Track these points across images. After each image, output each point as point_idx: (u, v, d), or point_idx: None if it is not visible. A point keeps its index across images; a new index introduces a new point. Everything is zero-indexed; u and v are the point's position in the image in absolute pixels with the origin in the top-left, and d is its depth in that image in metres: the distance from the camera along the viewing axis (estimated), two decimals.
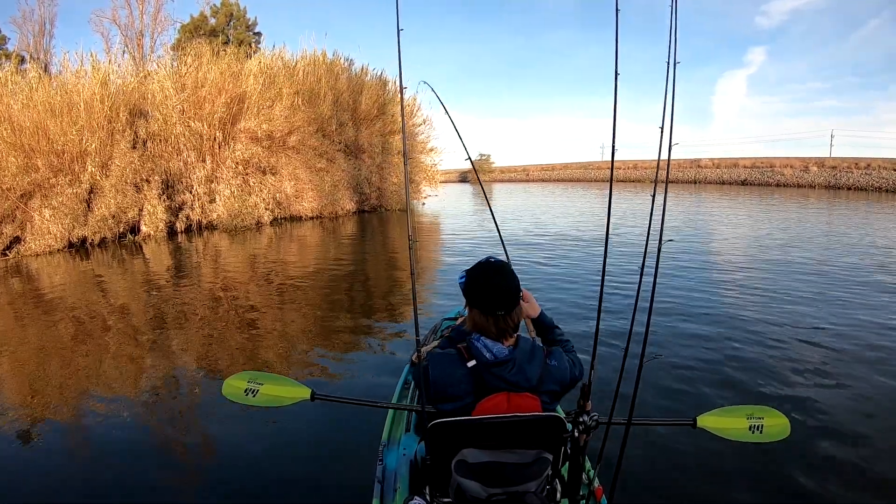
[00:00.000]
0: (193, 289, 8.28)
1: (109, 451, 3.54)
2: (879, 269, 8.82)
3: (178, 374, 4.96)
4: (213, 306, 7.22)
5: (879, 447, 3.43)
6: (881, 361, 4.78)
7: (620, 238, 11.95)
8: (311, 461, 3.39)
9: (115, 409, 4.15)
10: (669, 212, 2.32)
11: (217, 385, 4.31)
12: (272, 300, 7.61)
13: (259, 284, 8.68)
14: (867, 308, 6.42)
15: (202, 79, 15.61)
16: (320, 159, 19.55)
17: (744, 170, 49.51)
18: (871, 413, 3.87)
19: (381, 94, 22.92)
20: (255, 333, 6.07)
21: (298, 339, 5.91)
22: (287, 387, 2.35)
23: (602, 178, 60.40)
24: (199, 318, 6.66)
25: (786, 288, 7.49)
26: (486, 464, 1.78)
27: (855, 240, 12.45)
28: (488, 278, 1.84)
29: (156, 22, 17.84)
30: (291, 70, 19.27)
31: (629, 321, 2.12)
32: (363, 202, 21.90)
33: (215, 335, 6.06)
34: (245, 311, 6.97)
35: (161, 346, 5.65)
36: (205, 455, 3.59)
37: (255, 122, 16.71)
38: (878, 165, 42.17)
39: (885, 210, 21.25)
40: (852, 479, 3.09)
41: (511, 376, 1.77)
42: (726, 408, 2.34)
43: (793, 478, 3.09)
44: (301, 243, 14.14)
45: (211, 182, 15.43)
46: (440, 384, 1.79)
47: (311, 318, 6.71)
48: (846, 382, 4.36)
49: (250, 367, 4.87)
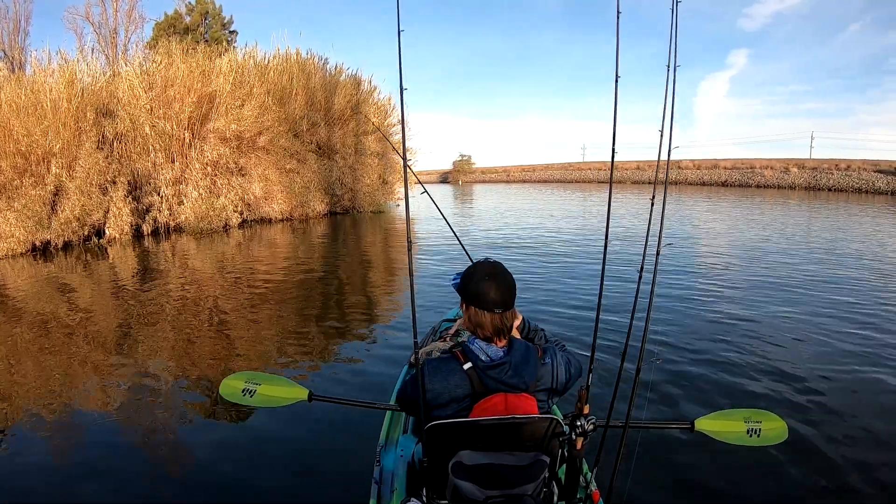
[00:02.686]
0: (163, 293, 8.49)
1: (88, 459, 3.59)
2: (876, 273, 9.35)
3: (168, 377, 5.09)
4: (195, 310, 7.43)
5: (879, 450, 3.59)
6: (880, 364, 5.04)
7: (599, 239, 12.53)
8: (309, 462, 3.52)
9: (91, 417, 4.23)
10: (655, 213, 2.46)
11: (209, 387, 4.72)
12: (259, 303, 7.84)
13: (239, 288, 8.94)
14: (865, 312, 6.76)
15: (171, 77, 15.93)
16: (291, 160, 19.97)
17: (724, 171, 50.96)
18: (871, 415, 4.05)
19: (355, 94, 23.42)
20: (249, 337, 6.33)
21: (294, 341, 6.14)
22: (285, 387, 2.48)
23: (583, 179, 61.70)
24: (180, 323, 6.82)
25: (780, 289, 8.03)
26: (483, 466, 1.84)
27: (849, 243, 13.30)
28: (487, 275, 1.92)
29: (129, 19, 18.06)
30: (263, 69, 19.65)
31: (624, 323, 2.23)
32: (335, 204, 22.32)
33: (204, 339, 6.25)
34: (233, 315, 7.17)
35: (146, 351, 5.79)
36: (199, 458, 3.64)
37: (224, 121, 17.08)
38: (857, 167, 43.88)
39: (871, 213, 22.11)
40: (851, 481, 3.23)
41: (508, 378, 1.84)
42: (724, 411, 2.48)
43: (791, 482, 3.21)
44: (271, 246, 14.44)
45: (179, 184, 15.67)
46: (436, 391, 1.85)
47: (305, 321, 6.98)
48: (845, 385, 4.58)
49: (245, 369, 5.15)
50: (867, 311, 6.79)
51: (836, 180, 43.68)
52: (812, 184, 44.60)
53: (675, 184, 52.31)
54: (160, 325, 6.76)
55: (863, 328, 6.08)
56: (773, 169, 48.11)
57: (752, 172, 49.28)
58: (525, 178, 68.33)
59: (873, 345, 5.54)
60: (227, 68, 17.51)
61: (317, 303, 8.04)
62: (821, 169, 45.90)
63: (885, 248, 12.28)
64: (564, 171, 66.78)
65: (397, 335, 6.09)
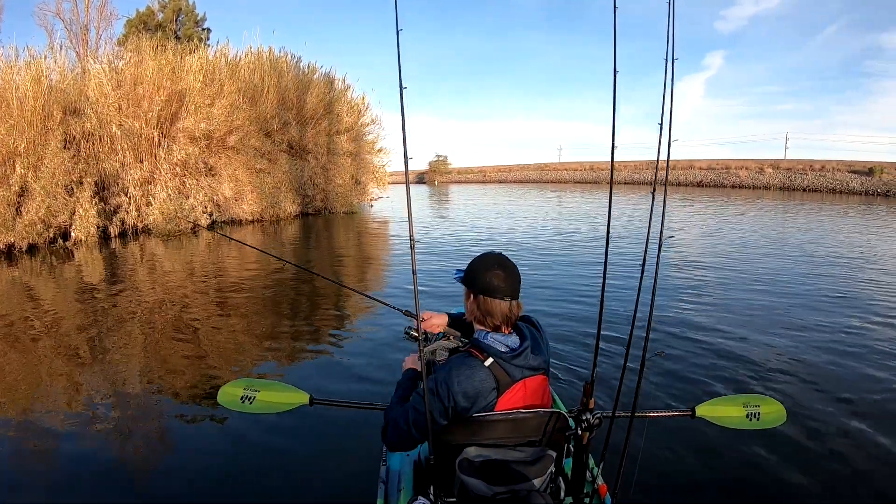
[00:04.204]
0: (131, 297, 8.56)
1: (58, 469, 3.63)
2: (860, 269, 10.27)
3: (141, 382, 5.12)
4: (165, 314, 7.50)
5: (876, 432, 3.83)
6: (875, 352, 5.50)
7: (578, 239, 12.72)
8: (314, 464, 3.60)
9: (61, 426, 4.19)
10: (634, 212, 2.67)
11: (191, 394, 4.84)
12: (246, 305, 8.01)
13: (210, 291, 9.03)
14: (857, 307, 7.35)
15: (141, 75, 16.10)
16: (261, 160, 20.20)
17: (700, 171, 52.25)
18: (867, 399, 4.38)
19: (328, 93, 23.69)
20: (245, 340, 6.48)
21: (290, 344, 6.30)
22: (285, 393, 2.50)
23: (559, 180, 62.71)
24: (150, 327, 6.87)
25: (777, 285, 8.67)
26: (490, 462, 1.88)
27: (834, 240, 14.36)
28: (496, 264, 2.00)
29: (101, 16, 18.02)
30: (234, 67, 19.88)
31: (617, 319, 2.42)
32: (307, 204, 22.58)
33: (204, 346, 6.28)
34: (206, 319, 7.29)
35: (117, 357, 5.81)
36: (200, 459, 3.71)
37: (193, 120, 17.28)
38: (832, 167, 45.45)
39: (855, 213, 23.07)
40: (849, 463, 3.44)
41: (532, 361, 1.93)
42: (723, 397, 2.62)
43: (791, 464, 3.40)
44: (242, 248, 14.49)
45: (147, 184, 15.76)
46: (470, 394, 1.86)
47: (299, 322, 7.20)
48: (842, 372, 4.96)
49: (225, 373, 5.31)
50: (858, 303, 7.48)
51: (810, 181, 45.26)
52: (787, 184, 46.11)
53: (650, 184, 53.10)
54: (129, 329, 6.79)
55: (854, 318, 6.70)
56: (749, 169, 49.56)
57: (727, 173, 50.64)
58: (501, 179, 69.14)
59: (866, 332, 6.12)
60: (197, 66, 17.68)
61: (291, 305, 8.22)
62: (795, 170, 47.54)
63: (871, 248, 13.15)
64: (541, 172, 67.92)
65: (398, 334, 6.31)
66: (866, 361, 5.23)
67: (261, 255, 12.71)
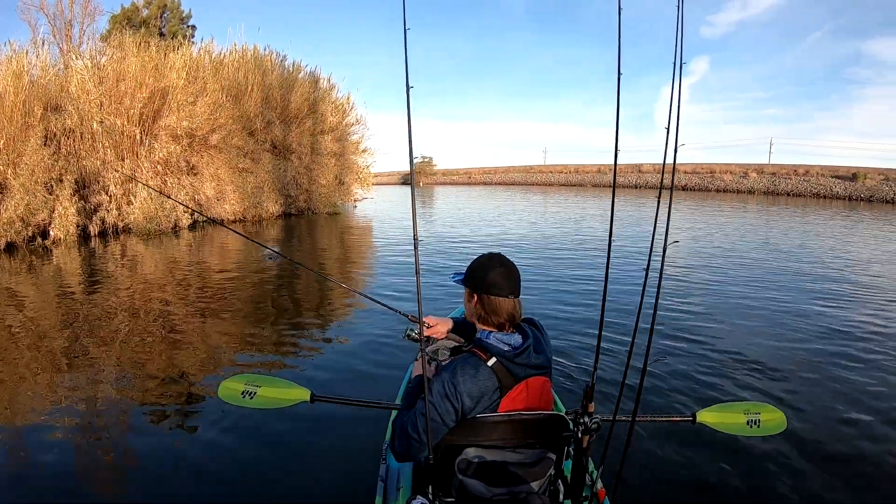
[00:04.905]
0: (112, 297, 8.51)
1: (52, 472, 3.58)
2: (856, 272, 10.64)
3: (128, 382, 5.12)
4: (147, 315, 7.46)
5: (877, 440, 3.91)
6: (875, 358, 5.62)
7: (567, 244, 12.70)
8: (314, 462, 3.63)
9: (52, 426, 4.17)
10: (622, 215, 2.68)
11: (210, 386, 4.88)
12: (229, 305, 8.01)
13: (195, 291, 8.96)
14: (856, 313, 7.49)
15: (123, 71, 16.16)
16: (244, 159, 20.28)
17: (685, 175, 52.95)
18: (868, 407, 4.45)
19: (313, 92, 23.84)
20: (228, 339, 6.52)
21: (274, 343, 6.37)
22: (286, 389, 2.54)
23: (545, 182, 63.27)
24: (132, 328, 6.83)
25: (776, 290, 8.89)
26: (489, 463, 1.91)
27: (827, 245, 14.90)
28: (499, 263, 2.06)
29: (86, 11, 17.98)
30: (219, 64, 19.99)
31: (616, 321, 2.45)
32: (290, 205, 22.69)
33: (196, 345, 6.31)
34: (191, 319, 7.26)
35: (100, 357, 5.76)
36: (198, 457, 3.74)
37: (176, 118, 17.34)
38: (816, 172, 46.40)
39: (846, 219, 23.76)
40: (850, 469, 3.52)
41: (535, 360, 1.96)
42: (724, 404, 2.65)
43: (791, 470, 3.47)
44: (223, 248, 14.62)
45: (129, 182, 15.75)
46: (475, 394, 1.88)
47: (282, 322, 7.24)
48: (843, 379, 5.04)
49: (226, 375, 5.28)
50: (857, 310, 7.67)
51: (794, 185, 46.17)
52: (771, 189, 46.95)
53: (636, 187, 54.27)
54: (110, 329, 6.76)
55: (854, 325, 6.85)
56: (733, 174, 50.40)
57: (711, 177, 51.38)
58: (486, 181, 69.57)
59: (866, 339, 6.27)
60: (180, 63, 17.75)
61: (274, 304, 8.28)
62: (780, 174, 48.51)
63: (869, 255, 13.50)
64: (526, 174, 68.43)
65: (385, 332, 6.29)
66: (867, 368, 5.34)
67: (243, 254, 12.76)
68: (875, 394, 4.73)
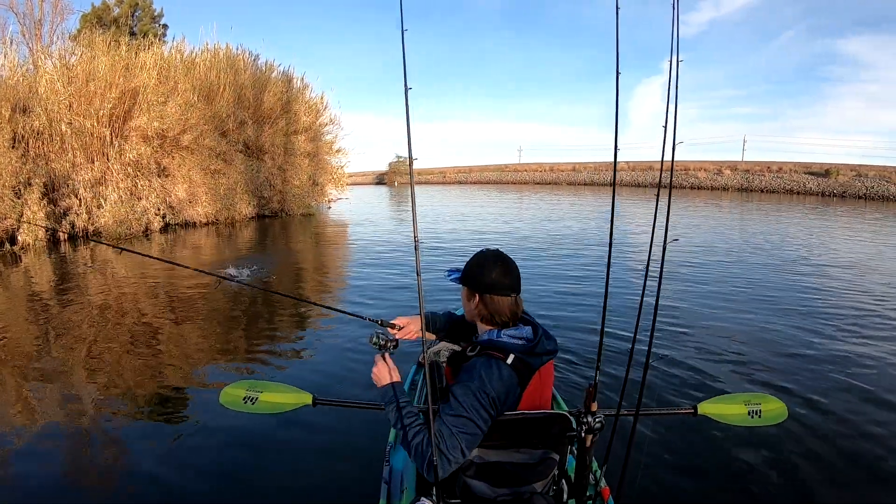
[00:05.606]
0: (83, 304, 8.41)
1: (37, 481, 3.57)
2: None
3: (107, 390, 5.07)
4: (121, 322, 7.38)
5: (879, 430, 4.02)
6: (877, 351, 5.79)
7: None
8: (317, 464, 3.70)
9: (29, 437, 4.15)
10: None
11: (200, 391, 4.98)
12: (202, 311, 8.05)
13: (168, 296, 8.72)
14: (856, 306, 7.77)
15: (93, 71, 16.03)
16: (216, 160, 20.25)
17: (658, 173, 53.55)
18: (870, 397, 4.59)
19: (286, 91, 23.88)
20: (201, 346, 6.53)
21: (247, 348, 6.44)
22: (287, 393, 2.57)
23: (519, 181, 63.91)
24: (105, 335, 6.77)
25: (775, 284, 9.24)
26: (493, 464, 1.93)
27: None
28: (499, 259, 2.05)
29: (56, 10, 17.75)
30: (190, 64, 19.96)
31: (615, 320, 2.56)
32: (263, 206, 22.73)
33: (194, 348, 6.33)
34: (168, 325, 7.19)
35: (74, 366, 5.70)
36: (203, 461, 3.80)
37: (146, 119, 17.26)
38: (789, 169, 47.52)
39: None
40: (853, 460, 3.60)
41: (550, 345, 2.00)
42: (725, 395, 2.71)
43: (793, 461, 3.56)
44: (196, 251, 14.59)
45: (99, 185, 15.64)
46: (503, 396, 1.87)
47: (258, 327, 7.29)
48: (844, 370, 5.19)
49: (200, 380, 5.39)
50: (856, 303, 8.01)
51: (767, 182, 47.28)
52: (745, 185, 48.01)
53: (608, 185, 55.12)
54: (83, 337, 6.69)
55: (854, 318, 7.13)
56: (707, 171, 51.26)
57: (686, 174, 52.24)
58: (461, 180, 69.81)
59: (867, 332, 6.53)
60: (151, 63, 17.70)
61: (247, 309, 8.30)
62: (753, 171, 49.55)
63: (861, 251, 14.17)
64: (500, 173, 68.89)
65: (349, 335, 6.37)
66: (868, 360, 5.50)
67: (214, 258, 12.67)
68: (876, 382, 4.89)
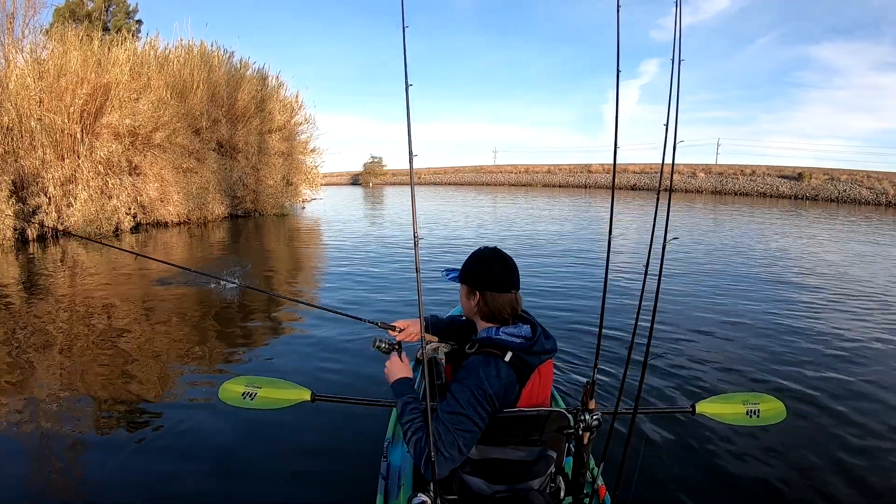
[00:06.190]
0: (54, 305, 8.27)
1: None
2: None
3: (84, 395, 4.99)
4: (91, 324, 7.21)
5: (878, 430, 4.06)
6: (874, 353, 5.87)
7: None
8: (315, 459, 3.71)
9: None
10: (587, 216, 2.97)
11: (212, 391, 4.76)
12: (174, 310, 7.87)
13: (153, 296, 8.40)
14: (853, 308, 7.89)
15: (65, 66, 15.87)
16: (189, 159, 20.20)
17: (633, 175, 54.77)
18: (868, 397, 4.65)
19: (261, 90, 23.95)
20: (175, 345, 6.43)
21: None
22: (286, 389, 2.61)
23: (495, 182, 64.48)
24: (75, 338, 6.67)
25: (772, 286, 9.40)
26: (490, 460, 1.95)
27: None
28: (499, 256, 2.09)
29: (29, 3, 17.44)
30: (164, 60, 19.89)
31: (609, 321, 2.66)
32: (236, 206, 22.78)
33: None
34: (143, 328, 6.96)
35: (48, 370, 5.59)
36: (201, 456, 3.81)
37: (118, 116, 17.16)
38: (762, 172, 48.75)
39: None
40: (851, 461, 3.62)
41: (549, 344, 2.02)
42: (723, 395, 2.71)
43: (793, 463, 3.57)
44: (168, 251, 14.49)
45: (70, 183, 15.51)
46: (501, 394, 1.90)
47: (233, 326, 7.24)
48: (842, 371, 5.25)
49: (174, 380, 5.35)
50: (853, 304, 8.14)
51: (741, 185, 48.47)
52: (718, 188, 49.10)
53: (586, 187, 55.96)
54: (53, 340, 6.55)
55: (852, 319, 7.25)
56: (681, 173, 52.13)
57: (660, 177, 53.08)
58: (436, 181, 70.14)
59: (864, 333, 6.60)
60: (124, 58, 17.57)
61: (221, 308, 8.23)
62: (727, 174, 50.63)
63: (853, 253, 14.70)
64: (476, 174, 69.46)
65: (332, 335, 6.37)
66: (866, 361, 5.57)
67: (187, 256, 12.54)
68: (877, 383, 4.96)
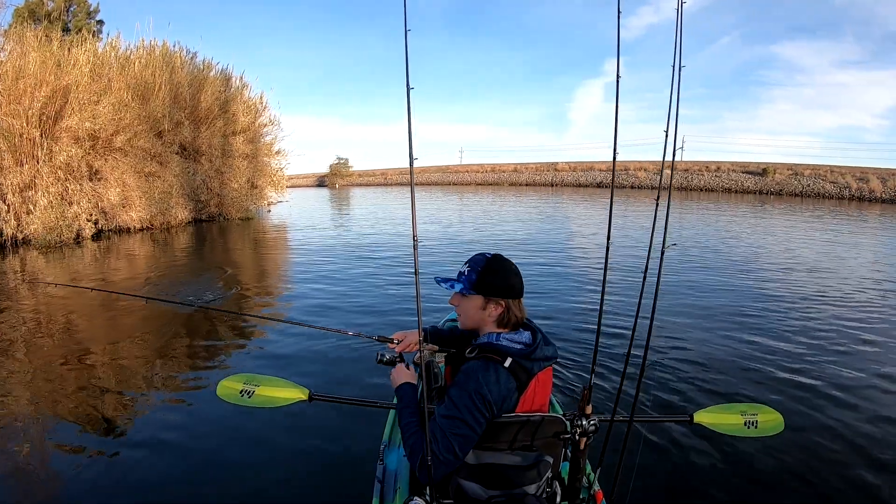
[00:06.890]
0: (13, 319, 7.90)
1: None
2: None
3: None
4: (55, 338, 7.05)
5: (876, 441, 4.05)
6: (875, 360, 5.86)
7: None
8: (310, 462, 3.72)
9: None
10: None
11: (210, 390, 4.72)
12: (139, 321, 7.74)
13: (116, 306, 8.24)
14: (853, 314, 7.83)
15: (23, 68, 15.61)
16: (151, 162, 19.99)
17: (599, 173, 55.85)
18: (867, 407, 4.64)
19: (225, 91, 23.89)
20: (142, 358, 6.30)
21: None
22: (284, 388, 2.64)
23: (461, 182, 64.94)
24: (39, 352, 6.42)
25: (770, 292, 9.43)
26: (486, 465, 1.97)
27: None
28: (512, 266, 2.13)
29: None
30: (125, 61, 19.64)
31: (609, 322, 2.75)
32: (200, 210, 22.60)
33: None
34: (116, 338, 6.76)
35: None
36: (194, 458, 3.82)
37: (78, 119, 16.89)
38: (727, 168, 50.01)
39: None
40: (848, 472, 3.63)
41: (549, 351, 2.06)
42: (721, 405, 2.74)
43: (789, 473, 3.59)
44: (131, 259, 14.36)
45: (29, 190, 15.21)
46: (499, 400, 1.93)
47: (198, 338, 7.13)
48: (841, 380, 5.23)
49: (141, 392, 5.25)
50: (854, 310, 8.11)
51: (706, 181, 49.69)
52: (684, 184, 50.15)
53: (552, 185, 56.67)
54: (15, 355, 6.37)
55: (852, 325, 7.21)
56: (647, 171, 53.20)
57: (626, 174, 54.13)
58: (403, 181, 70.06)
59: (864, 340, 6.61)
60: (84, 60, 17.33)
61: (187, 319, 7.99)
62: (692, 170, 51.76)
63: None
64: (443, 174, 69.80)
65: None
66: (866, 369, 5.56)
67: (151, 265, 12.40)
68: (874, 395, 4.96)
